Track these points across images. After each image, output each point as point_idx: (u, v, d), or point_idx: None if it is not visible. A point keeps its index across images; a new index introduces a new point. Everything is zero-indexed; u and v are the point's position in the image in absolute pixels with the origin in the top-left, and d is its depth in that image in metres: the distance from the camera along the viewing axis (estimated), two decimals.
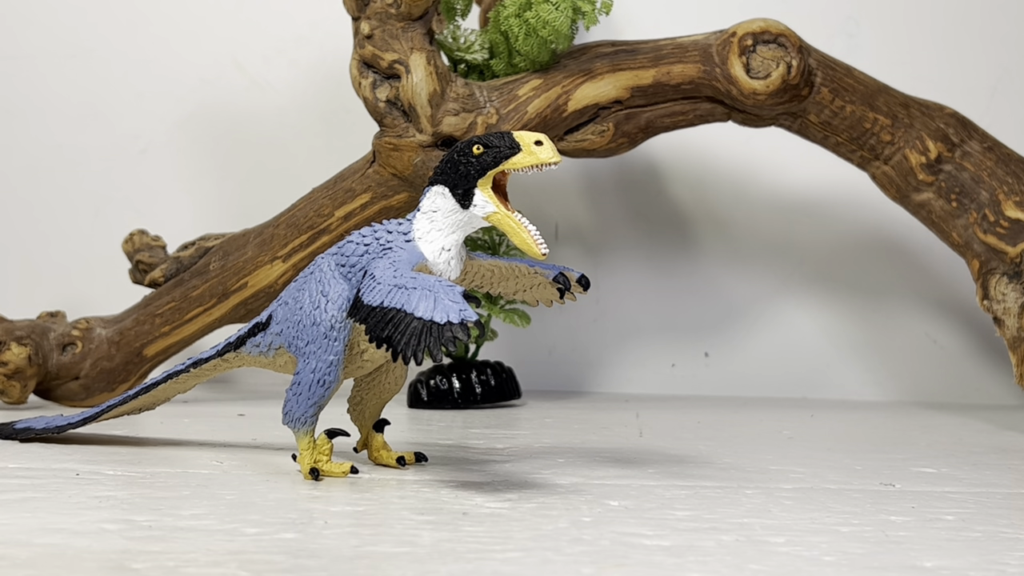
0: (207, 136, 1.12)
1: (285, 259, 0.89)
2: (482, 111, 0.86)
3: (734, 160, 1.12)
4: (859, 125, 0.90)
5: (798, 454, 0.70)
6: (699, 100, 0.90)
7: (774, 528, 0.50)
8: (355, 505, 0.53)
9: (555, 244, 1.12)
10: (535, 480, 0.60)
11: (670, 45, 0.90)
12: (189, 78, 1.12)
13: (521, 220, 0.58)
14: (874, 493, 0.59)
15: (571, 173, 1.12)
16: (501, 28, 0.88)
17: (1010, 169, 0.89)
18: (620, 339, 1.11)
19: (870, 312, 1.12)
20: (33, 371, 0.89)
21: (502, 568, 0.42)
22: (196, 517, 0.49)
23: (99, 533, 0.45)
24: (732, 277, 1.13)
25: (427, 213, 0.60)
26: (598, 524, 0.50)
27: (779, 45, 0.88)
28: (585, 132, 0.89)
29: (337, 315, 0.58)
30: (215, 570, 0.40)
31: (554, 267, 0.65)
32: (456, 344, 0.51)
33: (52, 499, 0.52)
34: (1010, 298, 0.86)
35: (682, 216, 1.13)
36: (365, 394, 0.64)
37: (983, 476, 0.66)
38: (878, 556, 0.46)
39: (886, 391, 1.12)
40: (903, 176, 0.90)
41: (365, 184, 0.88)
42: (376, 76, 0.85)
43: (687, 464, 0.66)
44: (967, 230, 0.89)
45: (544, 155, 0.58)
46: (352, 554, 0.44)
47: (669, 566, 0.43)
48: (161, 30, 1.13)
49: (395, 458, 0.64)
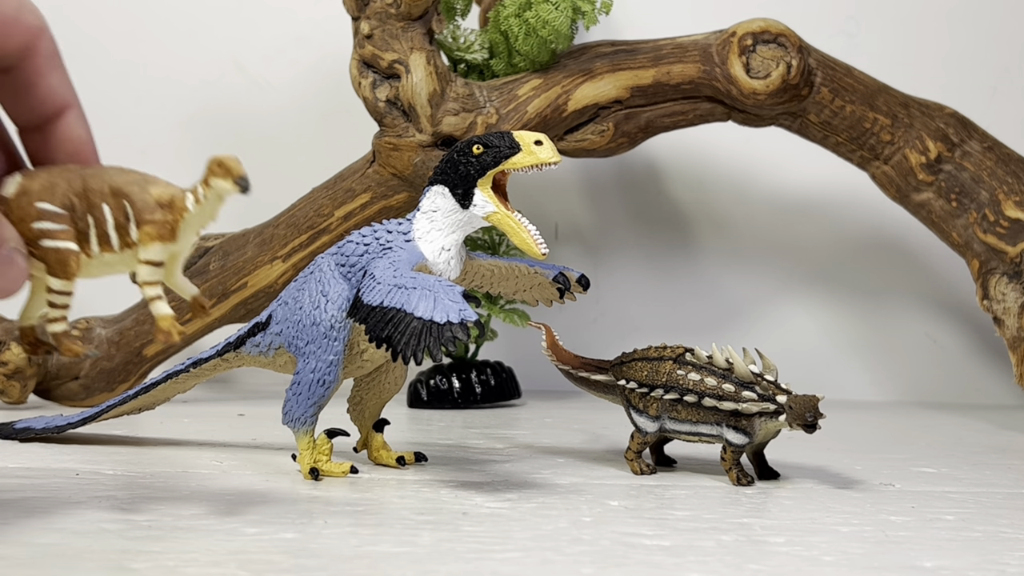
0: (207, 136, 1.12)
1: (285, 259, 0.89)
2: (482, 111, 0.86)
3: (734, 160, 1.12)
4: (859, 125, 0.90)
5: (798, 454, 0.70)
6: (699, 100, 0.90)
7: (774, 528, 0.50)
8: (355, 505, 0.53)
9: (555, 244, 1.12)
10: (535, 480, 0.60)
11: (670, 45, 0.90)
12: (189, 78, 1.12)
13: (521, 220, 0.58)
14: (874, 493, 0.59)
15: (571, 173, 1.12)
16: (501, 28, 0.88)
17: (1010, 169, 0.89)
18: (620, 339, 1.11)
19: (870, 312, 1.12)
20: (33, 371, 0.89)
21: (502, 568, 0.42)
22: (196, 517, 0.49)
23: (99, 533, 0.45)
24: (732, 277, 1.13)
25: (427, 213, 0.60)
26: (598, 524, 0.50)
27: (779, 45, 0.88)
28: (585, 132, 0.89)
29: (337, 315, 0.58)
30: (215, 570, 0.40)
31: (554, 267, 0.65)
32: (456, 344, 0.51)
33: (52, 499, 0.52)
34: (1010, 298, 0.86)
35: (682, 216, 1.13)
36: (365, 394, 0.64)
37: (983, 476, 0.66)
38: (878, 556, 0.46)
39: (886, 391, 1.12)
40: (903, 176, 0.90)
41: (365, 184, 0.88)
42: (376, 76, 0.85)
43: (687, 464, 0.66)
44: (967, 230, 0.89)
45: (544, 155, 0.58)
46: (352, 554, 0.44)
47: (669, 566, 0.43)
48: (161, 30, 1.13)
49: (395, 458, 0.64)
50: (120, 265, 0.47)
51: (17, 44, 0.46)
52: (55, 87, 0.48)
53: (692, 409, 0.61)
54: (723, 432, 0.60)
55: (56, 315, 0.47)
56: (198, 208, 0.46)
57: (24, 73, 0.47)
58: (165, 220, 0.46)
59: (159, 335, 0.46)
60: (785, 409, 0.59)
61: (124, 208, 0.46)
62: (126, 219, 0.46)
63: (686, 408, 0.61)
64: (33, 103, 0.48)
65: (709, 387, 0.60)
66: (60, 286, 0.47)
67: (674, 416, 0.61)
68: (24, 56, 0.47)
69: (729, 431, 0.60)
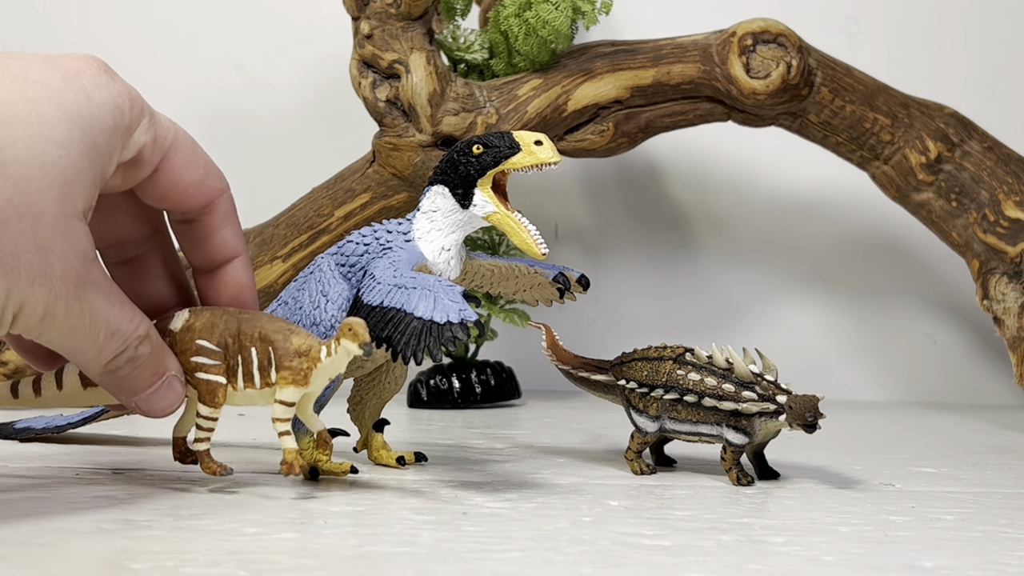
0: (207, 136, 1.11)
1: (285, 259, 0.89)
2: (482, 111, 0.86)
3: (734, 160, 1.12)
4: (859, 125, 0.90)
5: (797, 454, 0.70)
6: (699, 100, 0.90)
7: (774, 528, 0.50)
8: (355, 505, 0.53)
9: (555, 244, 1.12)
10: (535, 480, 0.60)
11: (670, 45, 0.90)
12: (189, 78, 1.12)
13: (521, 220, 0.58)
14: (874, 493, 0.59)
15: (571, 173, 1.12)
16: (501, 28, 0.88)
17: (1010, 169, 0.89)
18: (620, 339, 1.11)
19: (870, 312, 1.12)
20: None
21: (502, 568, 0.42)
22: (196, 517, 0.49)
23: (99, 533, 0.45)
24: (732, 277, 1.13)
25: (427, 213, 0.59)
26: (598, 524, 0.50)
27: (779, 45, 0.88)
28: (585, 132, 0.89)
29: (337, 315, 0.58)
30: (215, 570, 0.40)
31: (554, 267, 0.65)
32: (456, 344, 0.51)
33: (52, 499, 0.52)
34: (1010, 298, 0.86)
35: (682, 216, 1.13)
36: (365, 394, 0.64)
37: (983, 476, 0.66)
38: (878, 556, 0.46)
39: (886, 391, 1.12)
40: (903, 176, 0.90)
41: (365, 184, 0.88)
42: (376, 76, 0.85)
43: (687, 464, 0.66)
44: (967, 230, 0.89)
45: (544, 155, 0.58)
46: (352, 554, 0.44)
47: (669, 566, 0.43)
48: (161, 30, 1.13)
49: (395, 458, 0.64)
50: (259, 399, 0.54)
51: (199, 203, 0.55)
52: (228, 239, 0.56)
53: (692, 409, 0.61)
54: (723, 432, 0.60)
55: (201, 436, 0.54)
56: (329, 360, 0.52)
57: (203, 226, 0.55)
58: (300, 367, 0.52)
59: (283, 466, 0.53)
60: (785, 409, 0.59)
61: (268, 353, 0.53)
62: (269, 363, 0.53)
63: (686, 408, 0.61)
64: (207, 251, 0.56)
65: (709, 387, 0.60)
66: (207, 412, 0.54)
67: (674, 416, 0.61)
68: (205, 213, 0.55)
69: (729, 431, 0.60)
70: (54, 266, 0.46)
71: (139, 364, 0.52)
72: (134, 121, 0.51)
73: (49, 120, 0.46)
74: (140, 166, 0.52)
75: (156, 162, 0.53)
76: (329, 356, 0.52)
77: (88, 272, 0.48)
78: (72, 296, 0.47)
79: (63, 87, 0.48)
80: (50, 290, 0.46)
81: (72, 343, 0.49)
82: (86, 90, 0.48)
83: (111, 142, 0.49)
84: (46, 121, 0.46)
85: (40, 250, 0.46)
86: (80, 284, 0.47)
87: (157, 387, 0.53)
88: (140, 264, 0.57)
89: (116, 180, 0.52)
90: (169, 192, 0.54)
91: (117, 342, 0.50)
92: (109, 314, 0.49)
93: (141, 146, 0.52)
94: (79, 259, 0.47)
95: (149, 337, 0.52)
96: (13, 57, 0.48)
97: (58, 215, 0.46)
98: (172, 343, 0.54)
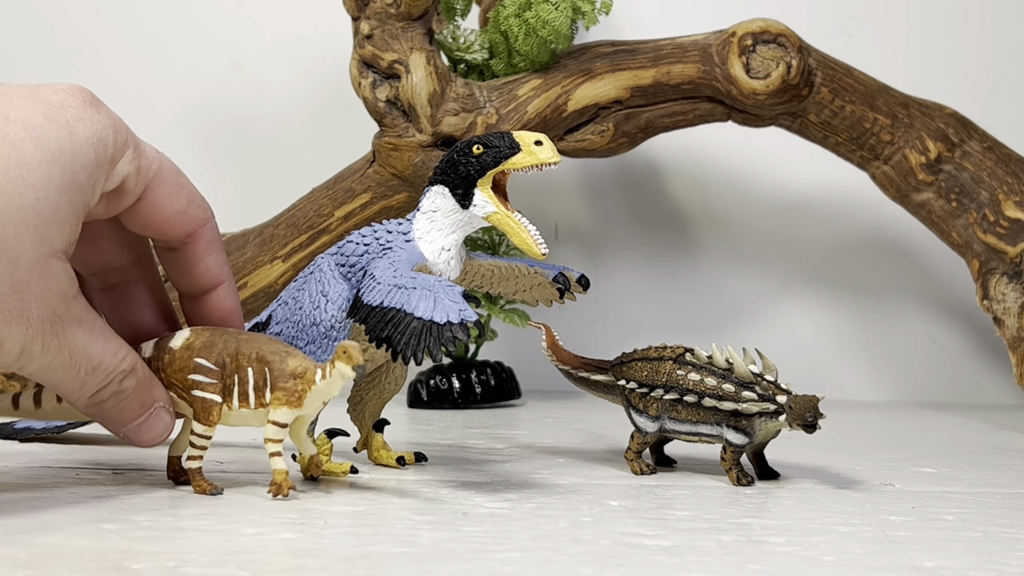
0: (207, 136, 1.12)
1: (285, 259, 0.89)
2: (482, 111, 0.86)
3: (734, 160, 1.12)
4: (859, 125, 0.90)
5: (798, 454, 0.70)
6: (699, 100, 0.90)
7: (774, 528, 0.50)
8: (355, 505, 0.53)
9: (555, 244, 1.12)
10: (535, 480, 0.60)
11: (670, 45, 0.90)
12: (188, 78, 1.12)
13: (521, 220, 0.58)
14: (874, 493, 0.59)
15: (571, 173, 1.12)
16: (501, 28, 0.88)
17: (1010, 169, 0.89)
18: (620, 339, 1.11)
19: (870, 312, 1.12)
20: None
21: (502, 568, 0.42)
22: (196, 517, 0.49)
23: (99, 533, 0.45)
24: (732, 277, 1.13)
25: (427, 213, 0.60)
26: (598, 524, 0.50)
27: (779, 45, 0.88)
28: (585, 132, 0.89)
29: (337, 315, 0.58)
30: (215, 570, 0.40)
31: (554, 267, 0.65)
32: (456, 344, 0.51)
33: (52, 499, 0.52)
34: (1010, 298, 0.86)
35: (682, 216, 1.13)
36: (365, 394, 0.64)
37: (983, 476, 0.66)
38: (878, 556, 0.46)
39: (886, 391, 1.12)
40: (903, 176, 0.90)
41: (365, 184, 0.88)
42: (376, 76, 0.85)
43: (687, 464, 0.66)
44: (967, 230, 0.89)
45: (544, 155, 0.58)
46: (352, 554, 0.44)
47: (669, 566, 0.43)
48: (160, 30, 1.13)
49: (395, 458, 0.64)
50: (253, 420, 0.54)
51: (182, 232, 0.55)
52: (212, 267, 0.57)
53: (692, 409, 0.61)
54: (723, 432, 0.60)
55: (195, 454, 0.54)
56: (324, 382, 0.52)
57: (187, 255, 0.56)
58: (295, 389, 0.53)
59: (272, 487, 0.53)
60: (785, 409, 0.59)
61: (264, 373, 0.53)
62: (264, 383, 0.53)
63: (686, 408, 0.61)
64: (192, 279, 0.57)
65: (709, 387, 0.60)
66: (201, 430, 0.54)
67: (674, 416, 0.61)
68: (188, 242, 0.56)
69: (729, 431, 0.60)
70: (31, 306, 0.47)
71: (124, 397, 0.52)
72: (117, 153, 0.51)
73: (28, 162, 0.47)
74: (123, 195, 0.53)
75: (139, 192, 0.53)
76: (324, 379, 0.52)
77: (67, 309, 0.49)
78: (49, 333, 0.48)
79: (45, 125, 0.48)
80: (27, 329, 0.47)
81: (53, 377, 0.50)
82: (69, 126, 0.49)
83: (93, 176, 0.50)
84: (25, 164, 0.47)
85: (17, 292, 0.46)
86: (58, 322, 0.48)
87: (144, 419, 0.54)
88: (124, 291, 0.58)
89: (99, 208, 0.52)
90: (152, 221, 0.54)
91: (99, 376, 0.51)
92: (91, 349, 0.50)
93: (124, 176, 0.52)
94: (57, 297, 0.48)
95: (135, 371, 0.52)
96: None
97: (35, 256, 0.47)
98: (171, 360, 0.54)
